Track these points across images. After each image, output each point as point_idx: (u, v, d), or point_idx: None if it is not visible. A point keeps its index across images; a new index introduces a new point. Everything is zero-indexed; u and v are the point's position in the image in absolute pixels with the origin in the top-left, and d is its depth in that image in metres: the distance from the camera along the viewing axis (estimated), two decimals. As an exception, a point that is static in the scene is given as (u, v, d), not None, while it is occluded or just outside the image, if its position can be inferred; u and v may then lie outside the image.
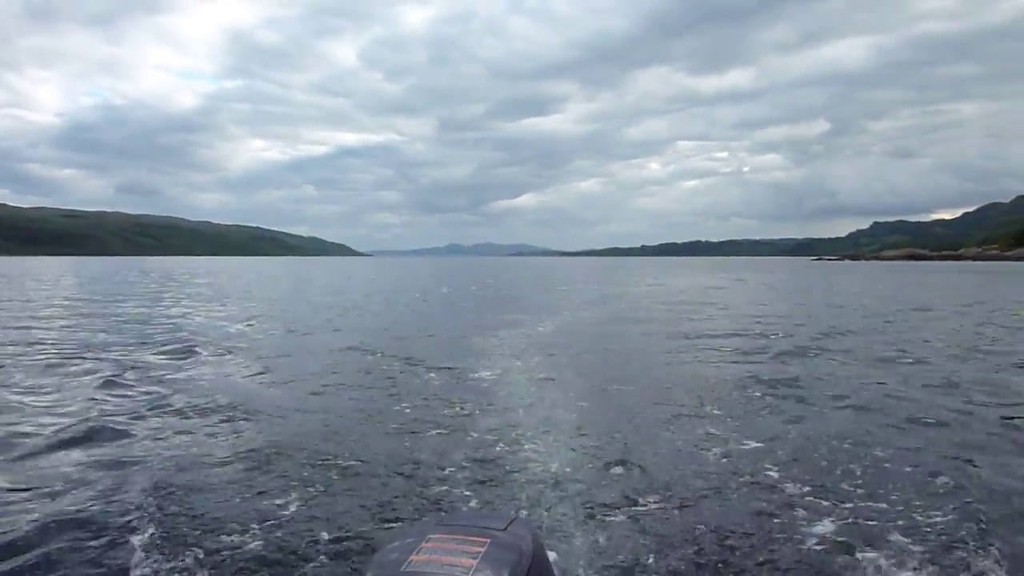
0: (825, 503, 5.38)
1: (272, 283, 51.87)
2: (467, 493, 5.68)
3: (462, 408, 9.08)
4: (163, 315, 23.68)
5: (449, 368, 12.25)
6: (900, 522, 4.96)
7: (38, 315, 23.08)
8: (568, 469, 6.30)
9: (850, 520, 5.00)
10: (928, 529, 4.82)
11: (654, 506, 5.33)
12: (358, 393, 10.16)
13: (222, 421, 8.17)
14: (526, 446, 7.08)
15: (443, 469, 6.32)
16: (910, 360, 12.94)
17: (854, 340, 15.73)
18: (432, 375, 11.66)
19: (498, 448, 7.02)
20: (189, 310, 26.02)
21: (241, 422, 8.12)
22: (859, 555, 4.47)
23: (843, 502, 5.39)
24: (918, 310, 25.08)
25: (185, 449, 6.91)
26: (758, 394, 9.76)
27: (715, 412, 8.67)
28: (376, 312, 26.83)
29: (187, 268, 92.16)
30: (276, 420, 8.28)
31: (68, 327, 19.06)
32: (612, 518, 5.08)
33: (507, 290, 41.81)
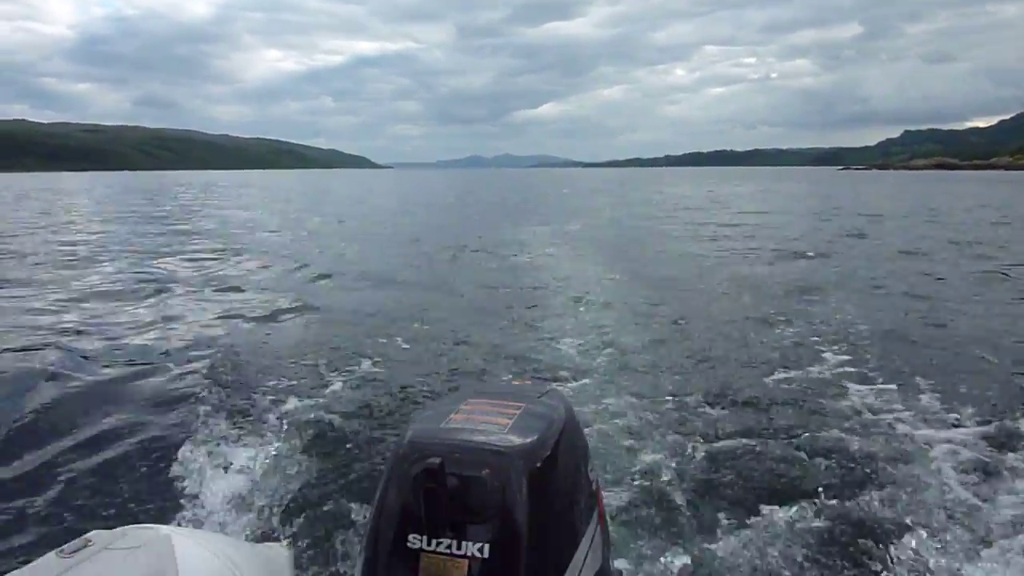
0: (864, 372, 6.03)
1: (314, 195, 53.14)
2: (510, 369, 6.22)
3: (506, 289, 10.33)
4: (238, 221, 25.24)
5: (493, 254, 13.61)
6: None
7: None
8: (600, 342, 7.05)
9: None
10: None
11: (677, 372, 6.15)
12: (411, 280, 11.55)
13: (281, 313, 8.92)
14: (564, 321, 8.04)
15: (485, 346, 7.01)
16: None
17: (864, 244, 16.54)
18: (477, 262, 12.97)
19: (540, 324, 7.82)
20: (258, 217, 27.59)
21: (299, 317, 8.77)
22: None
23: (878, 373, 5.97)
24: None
25: (242, 338, 7.63)
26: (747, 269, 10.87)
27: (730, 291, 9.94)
28: (418, 218, 28.27)
29: (217, 181, 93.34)
30: (330, 312, 9.06)
31: (137, 234, 20.40)
32: (633, 394, 5.36)
33: (536, 199, 42.85)
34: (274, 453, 4.13)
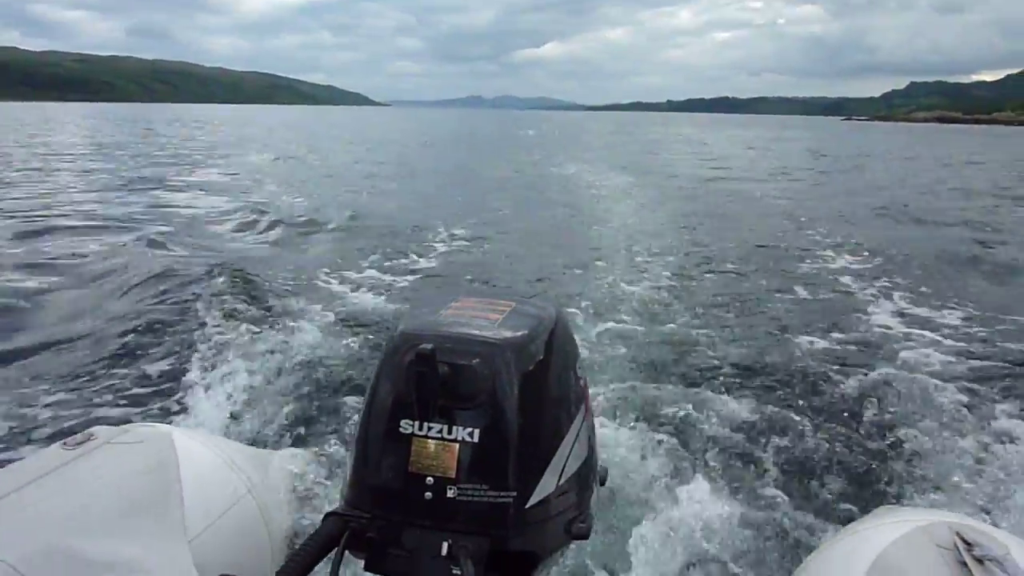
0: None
1: (338, 130, 53.46)
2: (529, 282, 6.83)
3: (545, 216, 11.60)
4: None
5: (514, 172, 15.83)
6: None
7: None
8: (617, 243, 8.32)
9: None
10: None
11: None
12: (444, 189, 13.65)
13: (318, 227, 9.84)
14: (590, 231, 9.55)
15: (510, 263, 7.75)
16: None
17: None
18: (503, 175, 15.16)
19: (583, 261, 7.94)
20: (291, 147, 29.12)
21: (333, 233, 9.48)
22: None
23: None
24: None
25: (268, 251, 8.39)
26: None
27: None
28: (439, 150, 29.99)
29: (222, 116, 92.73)
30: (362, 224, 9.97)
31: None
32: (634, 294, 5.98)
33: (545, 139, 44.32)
34: (277, 363, 4.16)
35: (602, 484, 1.28)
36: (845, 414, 3.73)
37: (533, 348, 1.10)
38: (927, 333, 5.29)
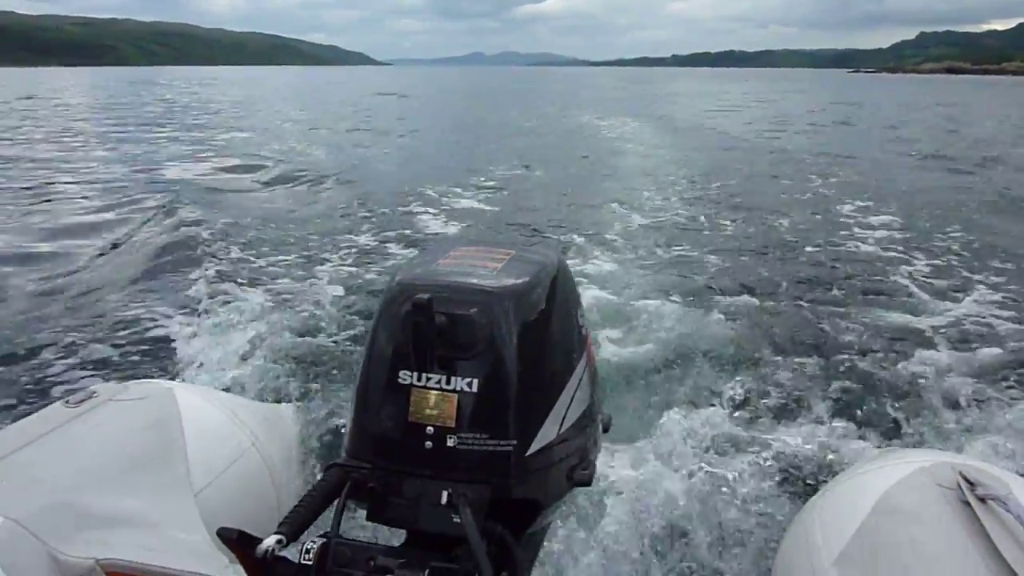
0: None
1: (356, 91, 52.00)
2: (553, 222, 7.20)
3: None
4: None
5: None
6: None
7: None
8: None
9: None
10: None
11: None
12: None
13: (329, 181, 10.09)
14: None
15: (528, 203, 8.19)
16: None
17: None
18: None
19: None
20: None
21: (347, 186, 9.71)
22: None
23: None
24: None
25: (281, 203, 8.71)
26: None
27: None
28: (452, 106, 30.82)
29: (229, 78, 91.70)
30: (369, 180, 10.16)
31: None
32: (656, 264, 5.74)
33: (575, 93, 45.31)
34: (285, 319, 4.14)
35: (605, 431, 1.29)
36: (847, 357, 3.76)
37: (533, 296, 1.09)
38: (934, 281, 5.34)
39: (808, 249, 6.22)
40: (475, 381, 1.01)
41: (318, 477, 1.05)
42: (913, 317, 4.49)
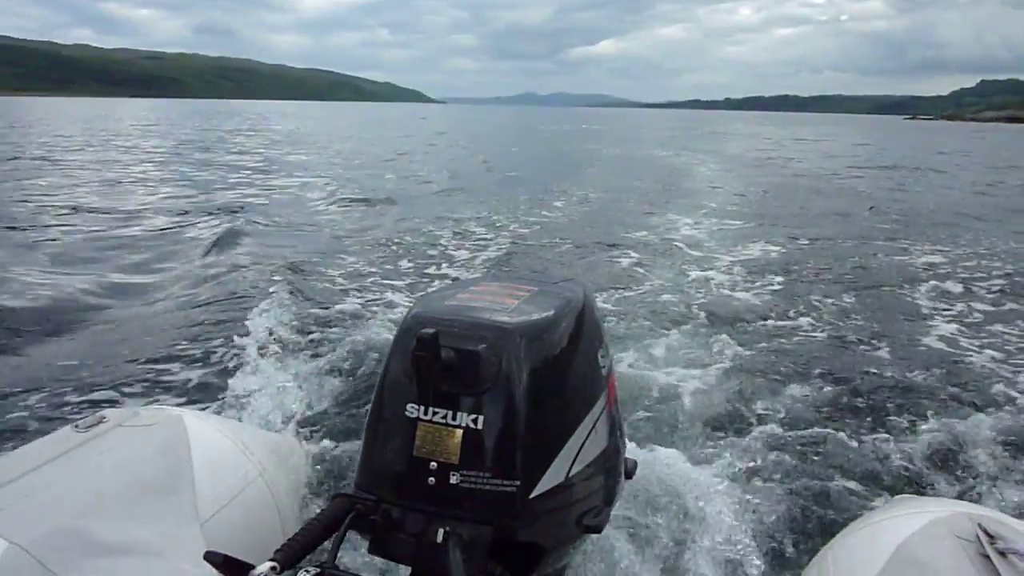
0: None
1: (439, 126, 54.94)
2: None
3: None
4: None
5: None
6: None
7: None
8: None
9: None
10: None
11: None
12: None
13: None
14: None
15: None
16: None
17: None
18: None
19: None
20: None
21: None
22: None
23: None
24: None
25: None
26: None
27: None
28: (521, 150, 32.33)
29: (304, 113, 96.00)
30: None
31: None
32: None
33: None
34: (309, 365, 3.97)
35: (628, 477, 1.26)
36: (861, 401, 3.72)
37: (549, 333, 1.06)
38: (959, 309, 5.57)
39: (847, 278, 6.57)
40: (481, 418, 0.98)
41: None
42: (934, 356, 4.51)
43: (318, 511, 1.02)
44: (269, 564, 0.86)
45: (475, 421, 0.98)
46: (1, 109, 65.98)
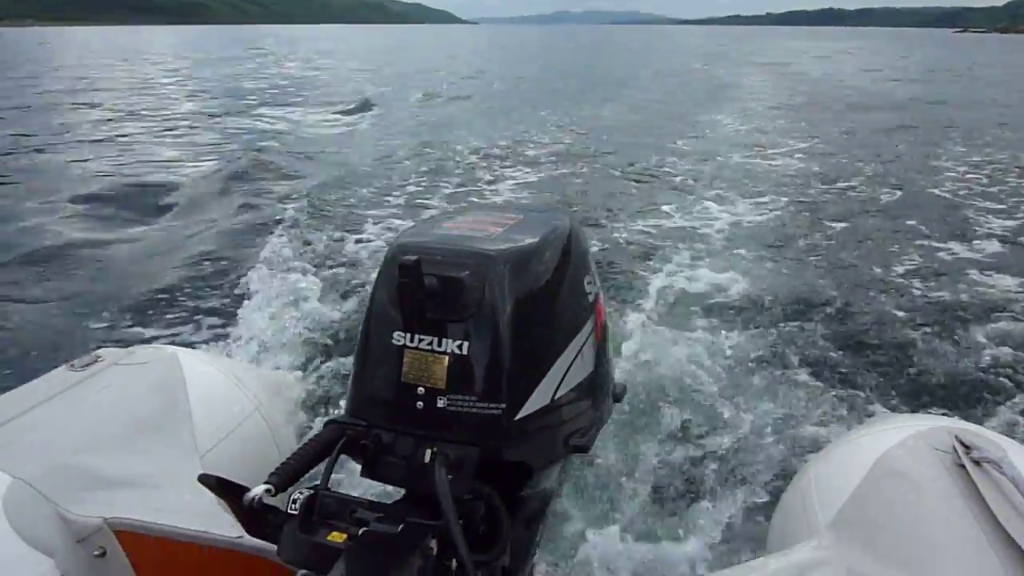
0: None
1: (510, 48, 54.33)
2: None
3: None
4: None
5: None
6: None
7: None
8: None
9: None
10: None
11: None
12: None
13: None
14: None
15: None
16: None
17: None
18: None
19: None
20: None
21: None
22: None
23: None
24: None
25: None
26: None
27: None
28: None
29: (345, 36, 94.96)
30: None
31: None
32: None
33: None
34: (308, 300, 4.03)
35: (616, 401, 1.28)
36: (846, 325, 3.85)
37: (532, 260, 1.07)
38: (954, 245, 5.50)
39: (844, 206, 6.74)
40: (466, 344, 1.00)
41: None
42: (922, 286, 4.59)
43: None
44: (264, 487, 0.89)
45: (460, 347, 0.99)
46: (28, 41, 63.88)
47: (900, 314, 4.07)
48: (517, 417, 1.01)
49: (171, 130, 12.04)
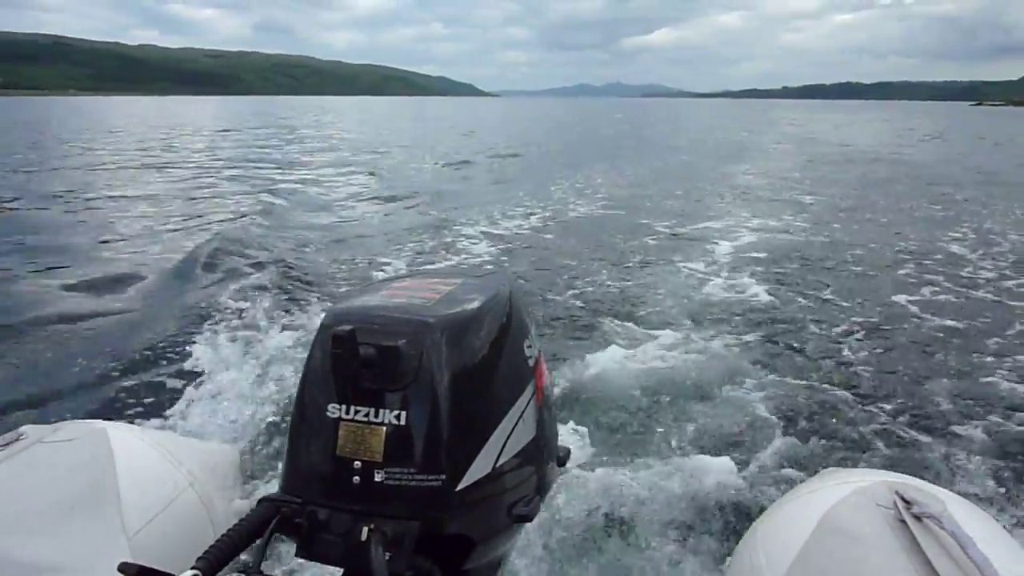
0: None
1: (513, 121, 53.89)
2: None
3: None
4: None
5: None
6: None
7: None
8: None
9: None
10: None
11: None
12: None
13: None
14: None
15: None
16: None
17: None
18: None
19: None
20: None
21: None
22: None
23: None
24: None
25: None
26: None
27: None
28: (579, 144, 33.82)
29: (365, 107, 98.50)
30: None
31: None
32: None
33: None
34: (245, 371, 3.89)
35: (561, 465, 1.25)
36: (794, 380, 3.90)
37: (470, 326, 1.05)
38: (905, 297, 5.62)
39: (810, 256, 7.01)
40: (403, 413, 0.97)
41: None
42: (867, 341, 4.65)
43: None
44: (191, 572, 0.82)
45: (398, 417, 0.96)
46: (83, 108, 67.27)
47: (844, 369, 4.17)
48: (458, 488, 0.98)
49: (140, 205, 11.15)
